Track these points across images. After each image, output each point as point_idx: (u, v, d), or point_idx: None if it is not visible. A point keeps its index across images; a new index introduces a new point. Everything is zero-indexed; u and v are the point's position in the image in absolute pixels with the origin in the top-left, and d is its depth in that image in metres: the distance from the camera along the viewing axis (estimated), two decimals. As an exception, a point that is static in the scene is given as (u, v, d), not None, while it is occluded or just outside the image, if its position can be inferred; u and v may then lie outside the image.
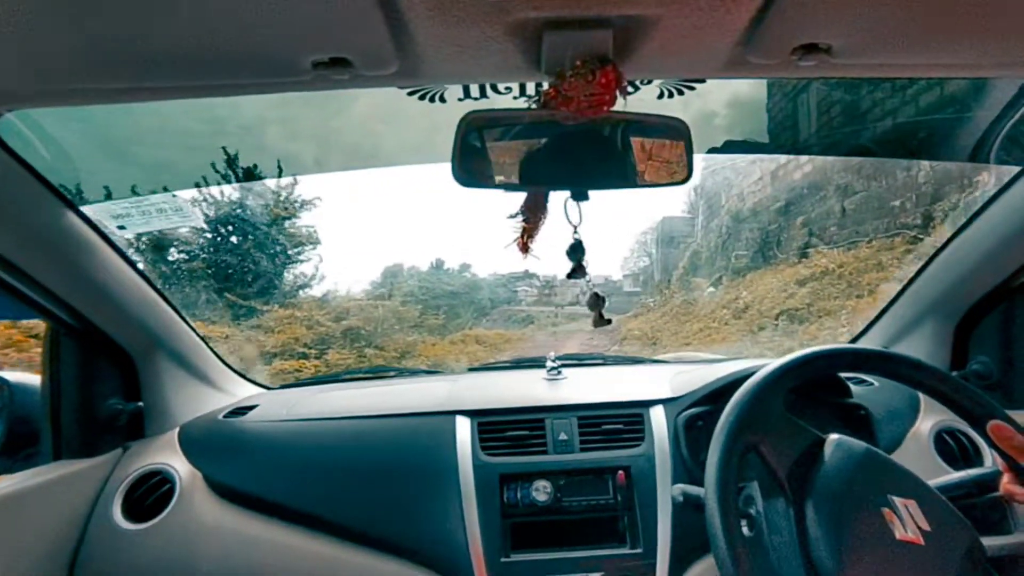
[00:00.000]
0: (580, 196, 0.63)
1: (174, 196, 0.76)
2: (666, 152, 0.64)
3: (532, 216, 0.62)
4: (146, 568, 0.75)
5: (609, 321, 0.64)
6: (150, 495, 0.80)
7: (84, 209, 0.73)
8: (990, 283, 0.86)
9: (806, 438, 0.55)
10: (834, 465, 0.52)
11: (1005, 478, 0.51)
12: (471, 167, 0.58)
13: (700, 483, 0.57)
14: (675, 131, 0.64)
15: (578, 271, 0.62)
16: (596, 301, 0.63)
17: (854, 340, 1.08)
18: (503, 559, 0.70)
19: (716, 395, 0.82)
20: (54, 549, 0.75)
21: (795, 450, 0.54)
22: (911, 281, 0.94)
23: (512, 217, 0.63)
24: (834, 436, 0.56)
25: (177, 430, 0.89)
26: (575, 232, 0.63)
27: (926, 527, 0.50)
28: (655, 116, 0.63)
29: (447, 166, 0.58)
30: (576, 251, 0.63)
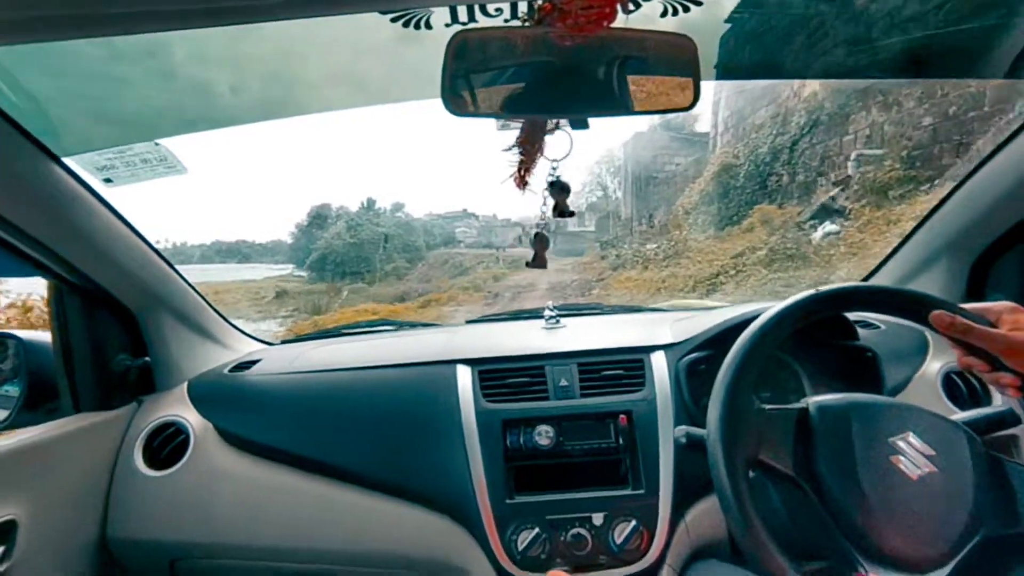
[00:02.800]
0: (579, 124, 0.59)
1: (157, 145, 0.74)
2: (671, 74, 0.60)
3: (529, 148, 0.59)
4: (172, 511, 0.79)
5: (544, 264, 0.62)
6: (166, 445, 0.84)
7: (66, 161, 0.71)
8: (1011, 219, 0.82)
9: (789, 418, 0.53)
10: (829, 435, 0.51)
11: (957, 354, 0.53)
12: (462, 94, 0.55)
13: (702, 426, 0.58)
14: (681, 50, 0.59)
15: (561, 209, 0.60)
16: (541, 240, 0.61)
17: (866, 279, 1.05)
18: (508, 500, 0.73)
19: (718, 340, 0.81)
20: (87, 493, 0.79)
21: (788, 438, 0.52)
22: (927, 217, 0.91)
23: (508, 150, 0.60)
24: (812, 400, 0.54)
25: (186, 384, 0.91)
26: (554, 167, 0.60)
27: (930, 451, 0.50)
28: (659, 33, 0.58)
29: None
30: (561, 190, 0.59)
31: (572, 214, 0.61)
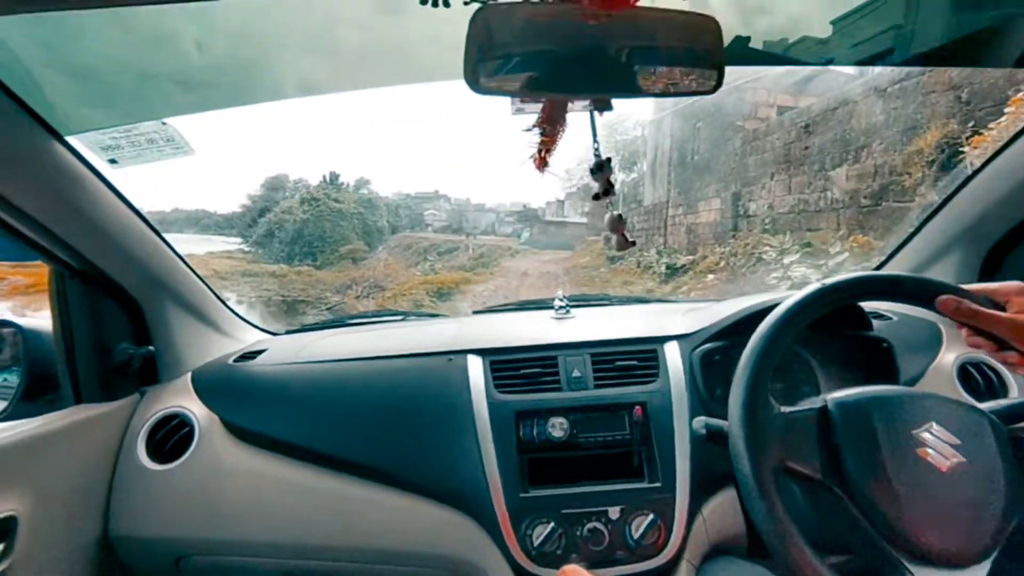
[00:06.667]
0: (603, 106, 0.58)
1: (164, 124, 0.72)
2: (696, 55, 0.59)
3: (550, 128, 0.58)
4: (177, 506, 0.77)
5: (634, 243, 0.61)
6: (171, 437, 0.82)
7: (70, 140, 0.69)
8: None
9: (811, 419, 0.52)
10: (852, 433, 0.50)
11: (964, 332, 0.53)
12: (485, 70, 0.53)
13: (718, 417, 0.57)
14: (706, 32, 0.58)
15: (608, 191, 0.58)
16: (618, 222, 0.59)
17: (879, 267, 1.05)
18: (522, 494, 0.71)
19: (732, 330, 0.80)
20: (88, 486, 0.77)
21: (812, 441, 0.51)
22: (941, 205, 0.90)
23: (528, 130, 0.58)
24: (831, 397, 0.53)
25: (190, 375, 0.89)
26: (596, 148, 0.59)
27: (955, 440, 0.48)
28: (684, 14, 0.57)
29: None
30: (603, 169, 0.58)
31: (615, 193, 0.59)
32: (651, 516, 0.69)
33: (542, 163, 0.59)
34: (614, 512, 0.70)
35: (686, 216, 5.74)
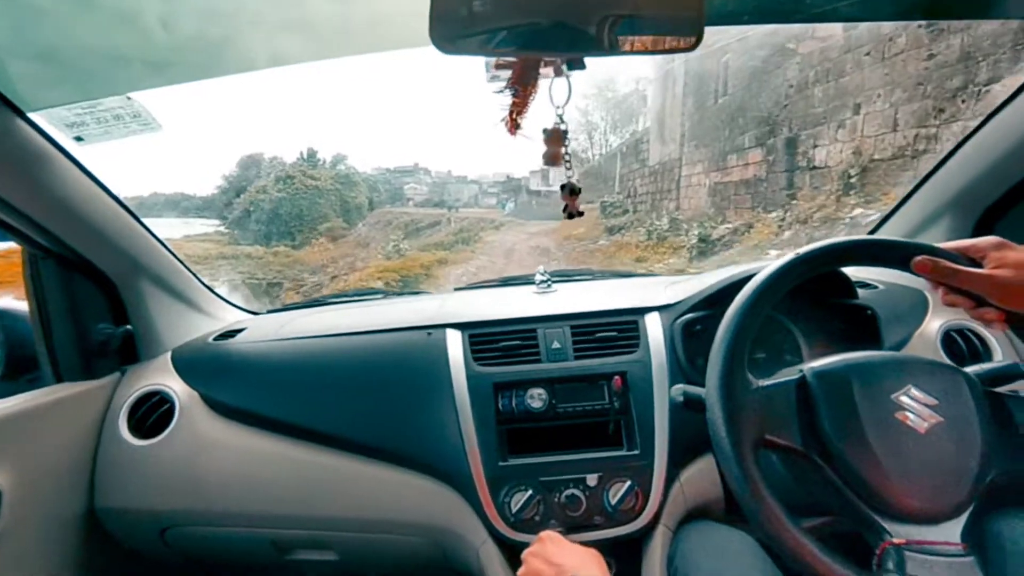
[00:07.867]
0: (576, 65, 0.56)
1: (129, 99, 0.69)
2: (674, 10, 0.56)
3: (521, 89, 0.56)
4: (160, 480, 0.78)
5: (582, 213, 0.60)
6: (151, 414, 0.82)
7: (32, 116, 0.67)
8: (1016, 176, 0.80)
9: (789, 391, 0.51)
10: (831, 402, 0.50)
11: (940, 291, 0.52)
12: (451, 29, 0.51)
13: (697, 386, 0.56)
14: (683, -14, 0.55)
15: (555, 159, 0.57)
16: (572, 191, 0.58)
17: (871, 234, 1.04)
18: (500, 463, 0.72)
19: (713, 300, 0.80)
20: (72, 461, 0.78)
21: (791, 412, 0.50)
22: (931, 173, 0.89)
23: (500, 92, 0.56)
24: (808, 367, 0.52)
25: (169, 354, 0.89)
26: (560, 116, 0.57)
27: (932, 401, 0.48)
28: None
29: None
30: (554, 137, 0.56)
31: (568, 162, 0.58)
32: (628, 483, 0.70)
33: (514, 125, 0.57)
34: (592, 479, 0.71)
35: (707, 174, 4.46)
